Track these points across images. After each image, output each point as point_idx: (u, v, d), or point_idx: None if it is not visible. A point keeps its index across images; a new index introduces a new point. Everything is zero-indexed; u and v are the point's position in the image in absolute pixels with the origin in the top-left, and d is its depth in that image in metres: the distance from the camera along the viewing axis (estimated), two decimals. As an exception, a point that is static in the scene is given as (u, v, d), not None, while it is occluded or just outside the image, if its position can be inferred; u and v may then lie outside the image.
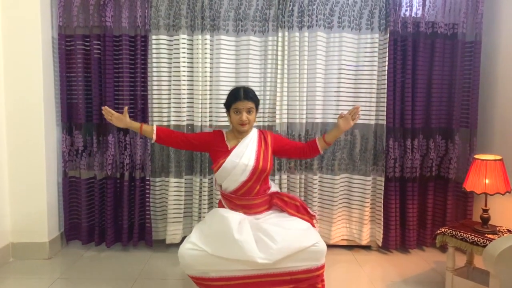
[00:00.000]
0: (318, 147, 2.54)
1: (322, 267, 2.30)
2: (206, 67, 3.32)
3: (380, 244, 3.46)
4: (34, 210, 3.25)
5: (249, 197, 2.41)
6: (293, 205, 2.50)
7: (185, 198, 3.46)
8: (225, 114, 3.34)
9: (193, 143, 2.55)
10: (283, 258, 2.16)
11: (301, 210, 2.50)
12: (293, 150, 2.58)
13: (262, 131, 2.58)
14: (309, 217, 2.51)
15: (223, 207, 2.51)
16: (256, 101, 2.45)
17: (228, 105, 2.45)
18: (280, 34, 3.32)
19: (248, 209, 2.41)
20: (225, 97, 3.33)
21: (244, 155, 2.38)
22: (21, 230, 3.26)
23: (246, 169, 2.36)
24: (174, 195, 3.41)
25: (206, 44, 3.30)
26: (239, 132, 2.47)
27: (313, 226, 2.49)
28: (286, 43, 3.33)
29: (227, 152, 2.42)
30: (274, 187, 2.59)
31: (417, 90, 3.38)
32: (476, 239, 2.56)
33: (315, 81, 3.35)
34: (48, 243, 3.28)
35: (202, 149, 2.81)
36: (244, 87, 2.54)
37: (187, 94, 3.37)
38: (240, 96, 2.38)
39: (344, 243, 3.55)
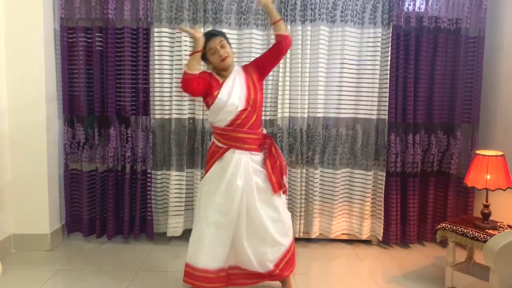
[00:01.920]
0: (277, 34, 2.46)
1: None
2: (208, 60, 3.31)
3: (380, 238, 3.46)
4: (35, 202, 3.26)
5: (244, 130, 2.42)
6: (274, 160, 2.48)
7: (186, 191, 3.46)
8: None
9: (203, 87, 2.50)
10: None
11: (276, 169, 2.48)
12: (268, 55, 2.53)
13: (244, 67, 2.57)
14: (279, 184, 2.48)
15: (214, 149, 2.48)
16: (222, 34, 2.50)
17: (202, 54, 2.42)
18: (282, 27, 3.31)
19: (242, 143, 2.40)
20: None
21: (235, 85, 2.41)
22: (22, 221, 3.27)
23: (241, 98, 2.40)
24: (175, 188, 3.42)
25: (208, 37, 3.29)
26: (223, 70, 2.48)
27: (276, 192, 2.47)
28: (288, 37, 3.31)
29: (219, 85, 2.43)
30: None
31: (419, 85, 3.37)
32: (476, 234, 2.57)
33: (317, 75, 3.35)
34: (49, 234, 3.29)
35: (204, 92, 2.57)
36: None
37: (189, 87, 3.36)
38: (206, 37, 2.41)
39: (345, 237, 3.56)
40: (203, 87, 2.41)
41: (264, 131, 2.57)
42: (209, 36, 2.43)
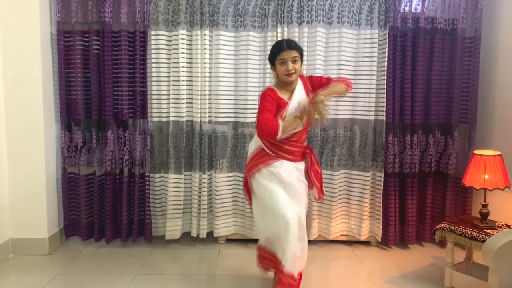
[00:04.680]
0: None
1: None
2: (205, 63, 3.31)
3: (379, 239, 3.46)
4: (33, 206, 3.25)
5: (297, 144, 2.46)
6: (316, 168, 2.54)
7: (184, 194, 3.46)
8: (225, 111, 3.38)
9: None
10: None
11: (318, 176, 2.56)
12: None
13: (304, 77, 2.54)
14: (321, 189, 2.57)
15: (262, 157, 2.46)
16: (300, 49, 2.42)
17: (272, 58, 2.42)
18: (279, 29, 3.31)
19: (292, 155, 2.44)
20: (224, 92, 3.37)
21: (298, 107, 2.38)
22: (20, 226, 3.26)
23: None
24: (174, 191, 3.41)
25: (205, 39, 3.30)
26: (286, 84, 2.44)
27: (319, 199, 2.61)
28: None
29: (285, 104, 2.40)
30: None
31: (416, 85, 3.38)
32: (475, 234, 2.57)
33: (314, 77, 3.35)
34: (47, 239, 3.28)
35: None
36: (286, 38, 2.61)
37: (186, 90, 3.36)
38: (283, 46, 2.37)
39: (344, 238, 3.56)
40: (274, 115, 2.38)
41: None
42: (286, 45, 2.38)
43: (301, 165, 2.50)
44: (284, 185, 2.38)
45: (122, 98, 3.35)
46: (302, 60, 2.44)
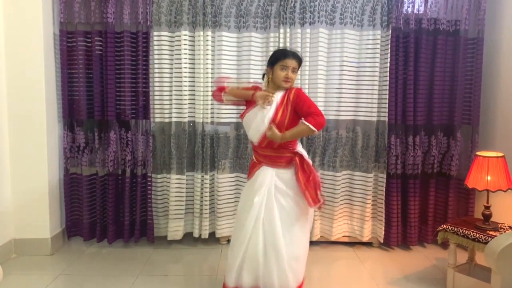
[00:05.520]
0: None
1: None
2: (207, 63, 3.32)
3: (381, 240, 3.46)
4: (36, 206, 3.26)
5: (272, 150, 2.43)
6: (307, 175, 2.43)
7: (186, 194, 3.46)
8: (227, 112, 3.38)
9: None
10: None
11: (310, 185, 2.42)
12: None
13: (289, 89, 2.49)
14: (314, 198, 2.41)
15: (252, 163, 2.57)
16: (301, 62, 2.51)
17: (274, 61, 2.44)
18: (282, 30, 3.31)
19: (271, 161, 2.45)
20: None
21: (265, 109, 2.39)
22: (23, 226, 3.26)
23: (264, 120, 2.38)
24: (176, 192, 3.42)
25: (207, 40, 3.30)
26: (277, 88, 2.46)
27: (311, 207, 2.44)
28: (288, 39, 3.32)
29: (255, 104, 2.43)
30: (301, 149, 2.53)
31: (419, 86, 3.38)
32: (477, 235, 2.56)
33: (316, 78, 3.35)
34: (50, 239, 3.29)
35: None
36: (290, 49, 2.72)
37: (189, 90, 3.37)
38: (288, 54, 2.43)
39: (346, 239, 3.56)
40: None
41: (299, 147, 2.51)
42: (290, 53, 2.43)
43: (286, 174, 2.43)
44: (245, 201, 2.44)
45: (125, 99, 3.35)
46: (297, 72, 2.51)
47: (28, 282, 2.85)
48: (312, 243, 3.52)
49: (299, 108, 2.38)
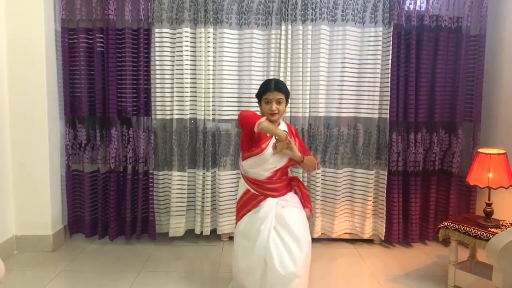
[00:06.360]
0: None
1: None
2: (209, 60, 3.32)
3: (382, 238, 3.46)
4: (37, 203, 3.27)
5: (281, 180, 2.49)
6: (306, 195, 2.63)
7: (188, 191, 3.47)
8: (228, 109, 3.39)
9: None
10: None
11: (306, 199, 2.61)
12: None
13: (289, 125, 2.64)
14: (311, 208, 2.65)
15: (251, 196, 2.50)
16: (286, 92, 2.48)
17: (259, 95, 2.50)
18: (283, 27, 3.31)
19: (276, 192, 2.47)
20: (228, 90, 3.38)
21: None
22: (25, 223, 3.27)
23: (283, 158, 2.44)
24: (177, 189, 3.42)
25: (209, 37, 3.30)
26: (271, 121, 2.47)
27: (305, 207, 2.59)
28: (289, 36, 3.31)
29: (268, 138, 2.43)
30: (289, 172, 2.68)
31: (420, 83, 3.37)
32: (479, 233, 2.56)
33: (318, 75, 3.34)
34: (51, 236, 3.30)
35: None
36: (275, 79, 2.74)
37: (190, 87, 3.37)
38: (270, 87, 2.44)
39: (347, 236, 3.56)
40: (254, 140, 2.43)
41: (289, 173, 2.63)
42: (273, 86, 2.43)
43: (285, 197, 2.49)
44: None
45: (126, 96, 3.35)
46: (287, 102, 2.51)
47: (30, 279, 2.86)
48: (313, 240, 3.49)
49: (297, 144, 2.51)
